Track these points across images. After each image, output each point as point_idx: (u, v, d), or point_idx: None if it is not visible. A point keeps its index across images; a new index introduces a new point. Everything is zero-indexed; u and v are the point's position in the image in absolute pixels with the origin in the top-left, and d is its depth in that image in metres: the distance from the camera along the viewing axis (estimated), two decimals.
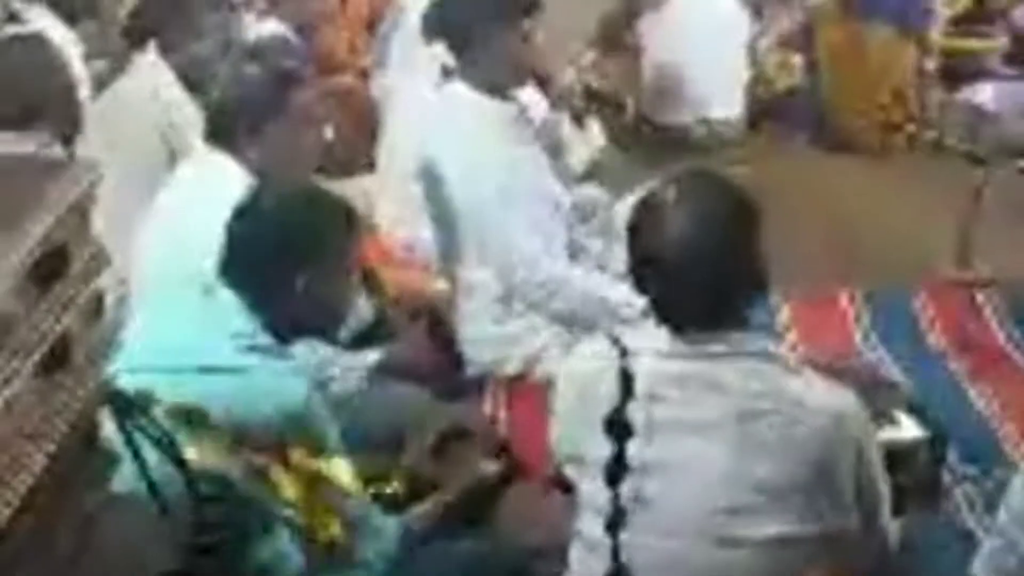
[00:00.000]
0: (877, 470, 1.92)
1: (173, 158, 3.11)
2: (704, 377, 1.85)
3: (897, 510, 2.04)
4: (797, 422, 1.84)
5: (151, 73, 3.36)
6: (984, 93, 4.51)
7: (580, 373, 1.99)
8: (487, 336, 3.12)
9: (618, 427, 1.80)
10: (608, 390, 1.84)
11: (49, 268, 1.38)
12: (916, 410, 2.75)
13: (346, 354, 2.76)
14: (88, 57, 3.72)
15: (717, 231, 1.86)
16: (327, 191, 2.34)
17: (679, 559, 1.85)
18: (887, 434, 2.43)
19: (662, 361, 1.86)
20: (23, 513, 1.24)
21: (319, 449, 2.06)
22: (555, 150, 3.56)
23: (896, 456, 2.20)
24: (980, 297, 3.61)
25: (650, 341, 1.88)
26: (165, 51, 3.38)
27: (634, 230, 1.92)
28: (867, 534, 1.92)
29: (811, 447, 1.84)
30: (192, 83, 3.28)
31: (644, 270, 1.91)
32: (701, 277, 1.85)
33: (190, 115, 3.17)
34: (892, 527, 1.95)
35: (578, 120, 4.23)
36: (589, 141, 4.31)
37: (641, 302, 2.07)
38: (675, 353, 1.86)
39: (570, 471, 2.00)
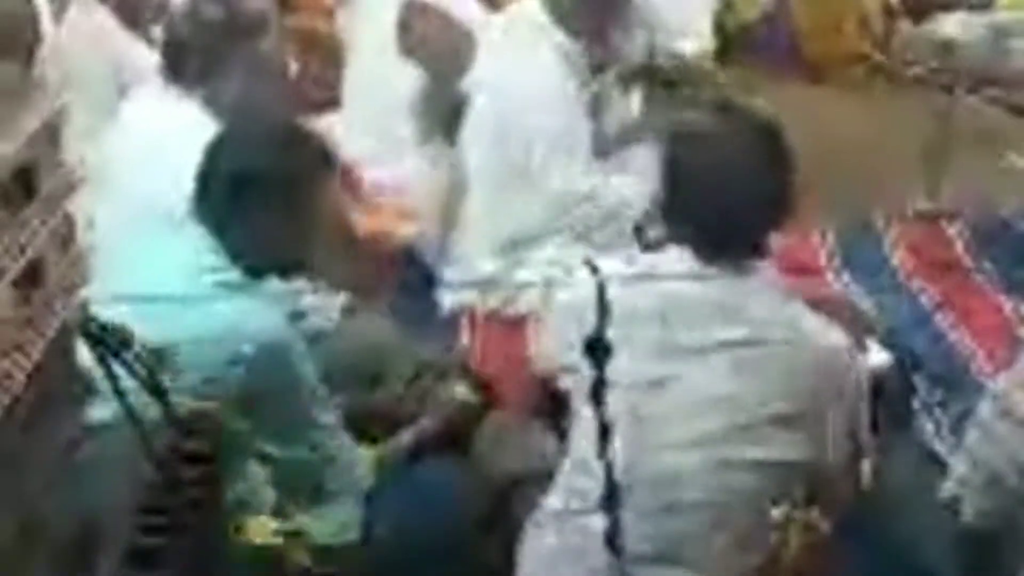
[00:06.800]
0: (865, 403, 1.96)
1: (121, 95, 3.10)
2: (718, 301, 1.88)
3: None
4: (799, 351, 1.88)
5: (91, 16, 3.34)
6: (949, 23, 4.52)
7: (573, 296, 2.00)
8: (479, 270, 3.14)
9: (598, 348, 1.82)
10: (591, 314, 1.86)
11: (20, 189, 1.36)
12: (885, 337, 2.79)
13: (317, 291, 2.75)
14: None
15: (755, 160, 1.90)
16: (301, 127, 2.32)
17: (672, 477, 1.87)
18: None
19: (680, 284, 1.88)
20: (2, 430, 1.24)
21: (295, 383, 2.06)
22: None
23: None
24: (948, 226, 3.64)
25: (673, 265, 1.90)
26: None
27: (671, 159, 1.95)
28: (852, 465, 1.98)
29: (811, 377, 1.88)
30: (138, 21, 3.26)
31: (678, 198, 1.94)
32: (737, 206, 1.89)
33: (135, 56, 3.16)
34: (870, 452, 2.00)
35: None
36: None
37: None
38: (696, 276, 1.89)
39: (566, 382, 2.01)
